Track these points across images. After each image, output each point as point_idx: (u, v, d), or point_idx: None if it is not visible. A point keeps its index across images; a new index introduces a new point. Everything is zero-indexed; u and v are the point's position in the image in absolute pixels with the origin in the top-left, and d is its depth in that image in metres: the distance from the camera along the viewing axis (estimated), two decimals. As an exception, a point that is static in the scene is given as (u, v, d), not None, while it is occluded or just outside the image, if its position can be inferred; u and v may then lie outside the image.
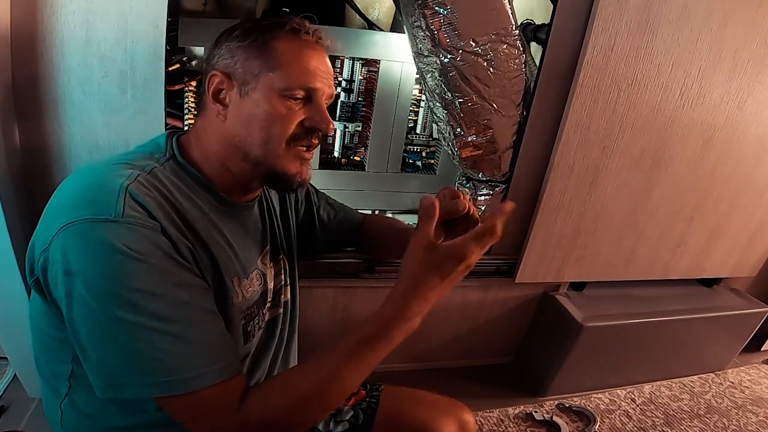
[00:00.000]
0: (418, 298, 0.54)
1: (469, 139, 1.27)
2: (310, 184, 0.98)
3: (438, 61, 1.18)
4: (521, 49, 1.18)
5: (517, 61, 1.18)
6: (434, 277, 0.54)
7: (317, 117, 0.64)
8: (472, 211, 0.65)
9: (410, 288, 0.54)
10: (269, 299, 0.80)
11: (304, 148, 0.66)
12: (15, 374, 1.23)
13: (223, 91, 0.64)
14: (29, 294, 0.60)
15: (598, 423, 1.44)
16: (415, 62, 1.29)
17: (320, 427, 0.88)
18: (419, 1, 1.12)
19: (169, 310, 0.52)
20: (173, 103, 1.31)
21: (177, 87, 1.28)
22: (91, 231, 0.50)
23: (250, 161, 0.65)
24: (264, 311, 0.78)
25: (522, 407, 1.47)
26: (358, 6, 1.42)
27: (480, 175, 1.35)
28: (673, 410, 1.56)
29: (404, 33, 1.30)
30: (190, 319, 0.53)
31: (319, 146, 1.54)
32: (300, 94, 0.63)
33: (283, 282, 0.85)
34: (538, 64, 1.21)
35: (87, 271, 0.50)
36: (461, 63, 1.15)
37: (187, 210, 0.61)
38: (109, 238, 0.49)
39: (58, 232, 0.51)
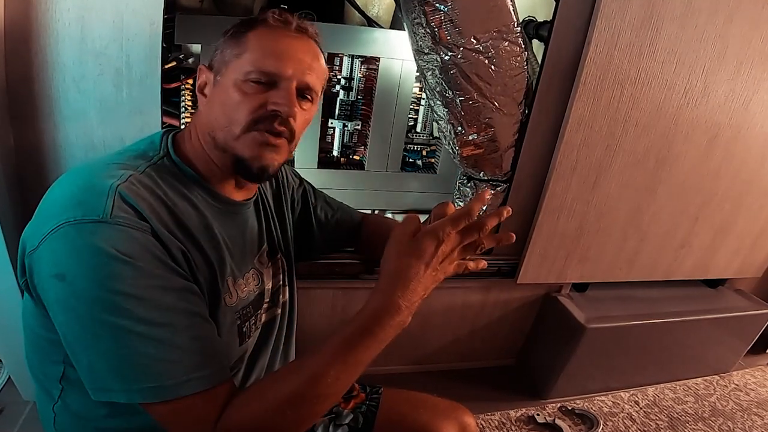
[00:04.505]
0: (402, 288, 0.52)
1: (470, 137, 1.25)
2: (308, 183, 0.97)
3: (438, 59, 1.16)
4: (523, 46, 1.16)
5: (518, 58, 1.16)
6: (416, 264, 0.52)
7: (280, 100, 0.61)
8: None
9: (393, 279, 0.53)
10: (267, 299, 0.79)
11: (269, 133, 0.63)
12: (9, 377, 1.22)
13: (207, 84, 0.66)
14: (23, 294, 0.60)
15: (601, 426, 1.42)
16: (416, 60, 1.27)
17: (319, 430, 0.86)
18: (419, -2, 1.11)
19: (154, 314, 0.50)
20: (170, 102, 1.30)
21: (174, 85, 1.27)
22: (78, 233, 0.49)
23: (219, 148, 0.64)
24: (260, 311, 0.77)
25: (524, 410, 1.46)
26: (358, 3, 1.41)
27: (481, 175, 1.34)
28: (677, 413, 1.54)
29: (404, 30, 1.28)
30: (176, 324, 0.52)
31: (318, 144, 1.55)
32: (260, 77, 0.61)
33: (281, 282, 0.84)
34: (540, 62, 1.20)
35: (73, 273, 0.49)
36: (462, 60, 1.14)
37: (181, 210, 0.60)
38: (96, 240, 0.49)
39: (47, 234, 0.50)
